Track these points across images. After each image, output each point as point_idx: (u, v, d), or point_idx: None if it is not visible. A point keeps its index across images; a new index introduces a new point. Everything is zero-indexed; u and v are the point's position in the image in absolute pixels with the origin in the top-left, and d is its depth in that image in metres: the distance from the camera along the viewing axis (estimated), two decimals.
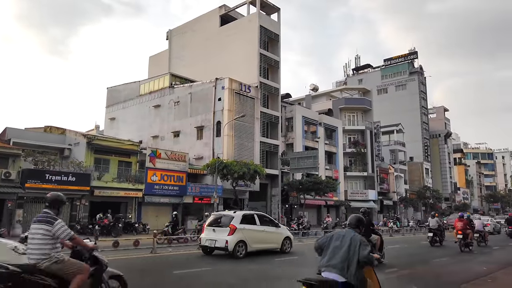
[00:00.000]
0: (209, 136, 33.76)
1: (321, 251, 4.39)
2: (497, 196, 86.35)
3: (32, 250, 4.58)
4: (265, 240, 13.65)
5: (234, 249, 12.29)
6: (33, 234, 4.63)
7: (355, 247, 4.10)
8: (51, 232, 4.58)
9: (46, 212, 4.74)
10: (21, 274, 4.33)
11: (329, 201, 42.12)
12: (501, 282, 9.34)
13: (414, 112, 70.17)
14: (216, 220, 13.45)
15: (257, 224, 13.47)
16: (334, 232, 4.55)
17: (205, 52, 42.32)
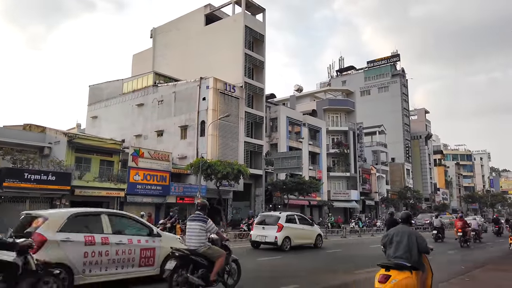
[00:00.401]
0: (193, 135, 33.58)
1: (386, 247, 5.79)
2: (475, 197, 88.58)
3: (191, 240, 6.67)
4: (303, 236, 16.34)
5: (282, 243, 15.04)
6: (191, 229, 6.73)
7: (414, 240, 5.43)
8: (205, 228, 6.71)
9: (199, 213, 6.85)
10: (189, 255, 6.54)
11: (312, 201, 42.45)
12: (479, 280, 9.59)
13: (396, 113, 71.37)
14: (263, 220, 16.21)
15: (297, 223, 16.18)
16: (392, 230, 5.81)
17: (189, 51, 42.07)
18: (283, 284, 8.29)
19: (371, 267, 8.96)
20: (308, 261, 13.03)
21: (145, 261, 7.70)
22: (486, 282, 9.08)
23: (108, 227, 7.40)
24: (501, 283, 9.03)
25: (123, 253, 7.39)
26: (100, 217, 7.50)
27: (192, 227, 6.73)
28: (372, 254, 13.95)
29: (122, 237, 7.52)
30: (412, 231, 5.64)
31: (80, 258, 6.76)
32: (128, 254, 7.46)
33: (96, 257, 6.97)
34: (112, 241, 7.27)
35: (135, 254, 7.56)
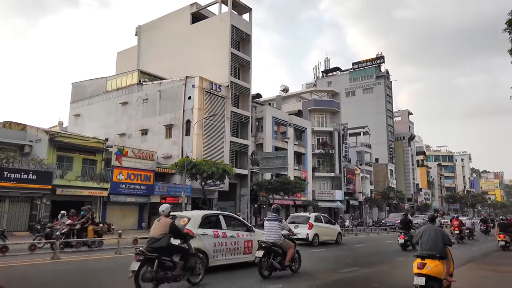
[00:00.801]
0: (178, 134, 33.31)
1: (418, 243, 7.25)
2: (456, 197, 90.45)
3: (271, 235, 9.12)
4: (328, 234, 19.09)
5: (312, 239, 17.67)
6: (270, 226, 9.22)
7: (439, 236, 6.96)
8: (281, 226, 9.28)
9: (275, 214, 9.51)
10: (272, 247, 8.96)
11: (297, 201, 42.62)
12: (462, 279, 9.76)
13: (380, 115, 72.26)
14: (294, 220, 18.60)
15: (323, 222, 18.96)
16: (421, 229, 7.38)
17: (175, 50, 41.71)
18: (339, 268, 11.02)
19: (399, 256, 14.26)
20: (347, 252, 16.18)
21: (246, 250, 10.15)
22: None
23: (224, 225, 9.92)
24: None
25: (235, 244, 9.91)
26: (219, 217, 10.08)
27: (270, 225, 9.26)
28: (389, 248, 18.14)
29: (233, 232, 10.02)
30: (438, 228, 7.29)
31: (211, 246, 9.24)
32: (237, 245, 9.96)
33: (220, 246, 9.48)
34: (228, 235, 9.75)
35: (241, 245, 10.06)
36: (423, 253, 6.89)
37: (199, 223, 9.29)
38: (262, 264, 8.72)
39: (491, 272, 10.37)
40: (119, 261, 11.76)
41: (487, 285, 8.93)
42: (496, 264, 11.97)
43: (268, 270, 8.81)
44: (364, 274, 10.34)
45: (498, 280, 9.52)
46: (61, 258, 11.58)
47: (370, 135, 64.88)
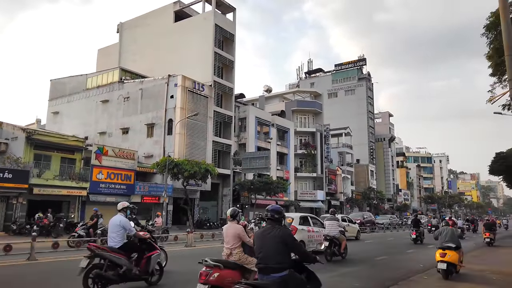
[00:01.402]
0: (160, 134, 32.95)
1: (437, 238, 10.13)
2: (434, 198, 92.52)
3: (332, 230, 12.42)
4: (350, 231, 21.46)
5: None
6: (331, 224, 12.57)
7: (454, 233, 10.06)
8: (339, 224, 12.97)
9: (333, 216, 13.06)
10: (333, 239, 12.27)
11: (280, 201, 42.70)
12: (434, 278, 9.98)
13: (361, 116, 73.25)
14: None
15: (346, 222, 21.53)
16: (440, 229, 10.48)
17: (157, 48, 41.24)
18: (375, 256, 14.32)
19: (412, 249, 17.97)
20: (369, 246, 19.08)
21: (320, 241, 13.28)
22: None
23: (311, 223, 14.47)
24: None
25: (317, 237, 13.92)
26: (307, 217, 14.73)
27: (331, 223, 12.73)
28: (399, 242, 21.98)
29: (316, 228, 14.30)
30: (452, 228, 10.40)
31: (306, 238, 13.41)
32: (317, 238, 13.87)
33: (310, 238, 13.72)
34: (314, 230, 14.10)
35: (319, 238, 13.73)
36: (444, 246, 9.65)
37: (298, 221, 13.73)
38: (327, 252, 12.03)
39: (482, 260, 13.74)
40: None
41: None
42: (485, 255, 15.53)
43: (330, 256, 12.10)
44: (393, 259, 13.98)
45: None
46: (38, 259, 11.28)
47: (352, 136, 65.69)
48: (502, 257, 15.27)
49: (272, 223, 4.73)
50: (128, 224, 7.40)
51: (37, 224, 20.36)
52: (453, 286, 8.75)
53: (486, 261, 13.36)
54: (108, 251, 6.97)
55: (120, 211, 7.52)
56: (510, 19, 16.52)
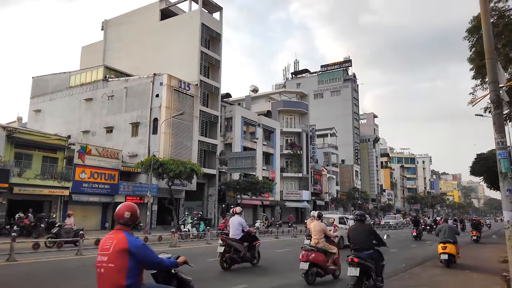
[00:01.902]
0: (145, 133, 32.61)
1: (438, 235, 11.89)
2: (417, 198, 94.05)
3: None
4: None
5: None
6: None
7: (452, 229, 12.00)
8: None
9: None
10: None
11: (265, 201, 42.83)
12: (417, 277, 10.16)
13: (346, 117, 73.95)
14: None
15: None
16: (440, 226, 12.39)
17: (143, 46, 40.81)
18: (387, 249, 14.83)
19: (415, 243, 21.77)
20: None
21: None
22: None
23: (345, 222, 18.22)
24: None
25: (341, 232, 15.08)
26: (343, 217, 19.14)
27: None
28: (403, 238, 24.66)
29: (341, 225, 17.10)
30: (450, 225, 12.83)
31: (344, 234, 12.62)
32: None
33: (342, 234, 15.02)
34: (340, 227, 16.30)
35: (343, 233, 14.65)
36: (444, 240, 11.52)
37: (338, 221, 17.60)
38: None
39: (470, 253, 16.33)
40: (77, 263, 11.34)
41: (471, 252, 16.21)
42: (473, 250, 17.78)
43: None
44: (403, 252, 16.56)
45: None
46: (18, 259, 11.02)
47: (337, 137, 66.26)
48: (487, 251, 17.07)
49: (360, 222, 7.33)
50: (244, 222, 10.46)
51: (18, 224, 19.90)
52: (455, 273, 10.33)
53: (475, 254, 15.65)
54: (233, 241, 9.99)
55: (239, 213, 10.67)
56: (491, 23, 16.87)
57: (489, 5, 17.25)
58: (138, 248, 3.28)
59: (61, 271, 10.03)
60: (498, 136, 6.41)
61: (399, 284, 8.96)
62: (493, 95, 6.54)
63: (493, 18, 17.16)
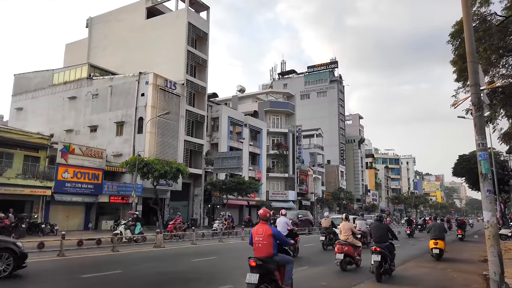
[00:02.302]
0: (130, 132, 32.23)
1: (430, 232, 14.13)
2: (401, 198, 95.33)
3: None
4: None
5: None
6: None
7: (442, 227, 14.23)
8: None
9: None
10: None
11: (251, 201, 42.83)
12: (402, 276, 10.30)
13: (332, 118, 74.52)
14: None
15: None
16: (431, 224, 14.57)
17: (129, 45, 40.33)
18: None
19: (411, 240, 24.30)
20: None
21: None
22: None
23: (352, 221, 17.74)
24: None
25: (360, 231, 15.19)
26: (354, 218, 19.11)
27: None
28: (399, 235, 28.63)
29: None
30: (439, 224, 14.54)
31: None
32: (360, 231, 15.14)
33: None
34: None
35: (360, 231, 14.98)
36: (435, 237, 13.64)
37: (353, 221, 17.90)
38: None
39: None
40: (58, 264, 11.14)
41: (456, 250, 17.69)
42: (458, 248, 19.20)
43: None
44: (404, 246, 17.95)
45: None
46: None
47: (323, 137, 66.69)
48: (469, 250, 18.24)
49: (379, 221, 10.28)
50: (289, 222, 12.40)
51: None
52: (440, 272, 11.15)
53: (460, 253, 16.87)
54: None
55: (284, 215, 12.27)
56: (473, 28, 17.23)
57: (471, 10, 17.63)
58: (276, 234, 5.98)
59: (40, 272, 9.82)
60: (479, 138, 6.54)
61: (387, 284, 9.07)
62: (475, 97, 6.67)
63: (475, 23, 17.55)
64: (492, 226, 6.31)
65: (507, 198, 45.04)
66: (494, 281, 6.09)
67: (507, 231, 24.45)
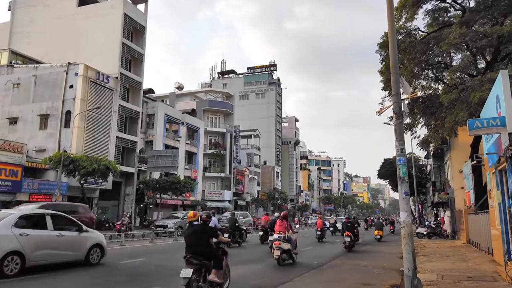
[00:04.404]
0: (56, 126, 30.02)
1: (374, 225, 30.16)
2: (331, 199, 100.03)
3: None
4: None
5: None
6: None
7: (381, 223, 27.98)
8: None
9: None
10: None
11: (186, 201, 42.17)
12: (327, 274, 10.76)
13: (270, 119, 75.99)
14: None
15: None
16: (376, 221, 30.46)
17: (57, 32, 37.49)
18: None
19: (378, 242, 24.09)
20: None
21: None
22: None
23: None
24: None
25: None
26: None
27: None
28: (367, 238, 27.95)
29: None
30: (379, 221, 29.16)
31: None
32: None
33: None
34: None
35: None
36: (377, 228, 25.15)
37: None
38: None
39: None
40: None
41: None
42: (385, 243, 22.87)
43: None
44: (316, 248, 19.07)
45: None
46: None
47: (260, 138, 67.73)
48: (389, 247, 19.10)
49: (350, 221, 18.13)
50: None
51: None
52: (368, 263, 12.63)
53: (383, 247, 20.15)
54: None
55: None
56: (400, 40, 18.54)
57: (398, 24, 18.94)
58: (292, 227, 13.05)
59: None
60: (399, 144, 7.04)
61: (313, 281, 9.40)
62: (396, 106, 7.17)
63: (402, 36, 18.95)
64: (407, 225, 6.81)
65: (424, 200, 49.25)
66: (407, 276, 6.57)
67: (423, 230, 26.73)
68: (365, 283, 9.07)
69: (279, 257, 11.46)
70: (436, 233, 26.10)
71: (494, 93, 9.69)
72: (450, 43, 15.40)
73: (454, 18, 18.63)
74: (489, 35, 14.65)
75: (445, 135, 18.50)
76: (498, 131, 8.59)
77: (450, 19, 18.85)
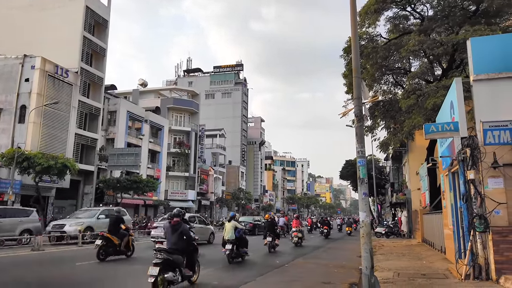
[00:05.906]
0: (9, 121, 28.40)
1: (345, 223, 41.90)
2: (295, 199, 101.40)
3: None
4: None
5: None
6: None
7: (351, 222, 38.06)
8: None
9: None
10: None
11: (148, 201, 41.28)
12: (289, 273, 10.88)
13: (236, 119, 75.91)
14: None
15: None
16: (345, 220, 49.05)
17: (12, 23, 35.43)
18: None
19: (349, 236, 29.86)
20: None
21: None
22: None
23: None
24: None
25: None
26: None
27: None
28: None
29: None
30: (349, 220, 38.92)
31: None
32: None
33: None
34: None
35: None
36: (348, 225, 34.41)
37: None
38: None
39: None
40: None
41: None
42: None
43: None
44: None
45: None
46: None
47: (226, 138, 67.50)
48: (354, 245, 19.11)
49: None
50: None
51: None
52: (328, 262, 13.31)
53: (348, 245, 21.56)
54: None
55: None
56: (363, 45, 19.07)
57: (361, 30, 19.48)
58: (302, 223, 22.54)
59: None
60: (359, 146, 7.23)
61: (275, 280, 9.47)
62: (357, 109, 7.36)
63: (365, 41, 19.50)
64: (366, 225, 7.01)
65: (383, 200, 51.03)
66: (365, 274, 6.76)
67: (381, 229, 27.68)
68: (325, 282, 9.25)
69: (297, 241, 19.36)
70: (394, 232, 27.10)
71: (448, 99, 10.18)
72: (409, 50, 16.02)
73: (414, 26, 19.41)
74: (445, 44, 15.37)
75: (403, 138, 19.23)
76: (452, 135, 9.02)
77: (410, 27, 19.62)
